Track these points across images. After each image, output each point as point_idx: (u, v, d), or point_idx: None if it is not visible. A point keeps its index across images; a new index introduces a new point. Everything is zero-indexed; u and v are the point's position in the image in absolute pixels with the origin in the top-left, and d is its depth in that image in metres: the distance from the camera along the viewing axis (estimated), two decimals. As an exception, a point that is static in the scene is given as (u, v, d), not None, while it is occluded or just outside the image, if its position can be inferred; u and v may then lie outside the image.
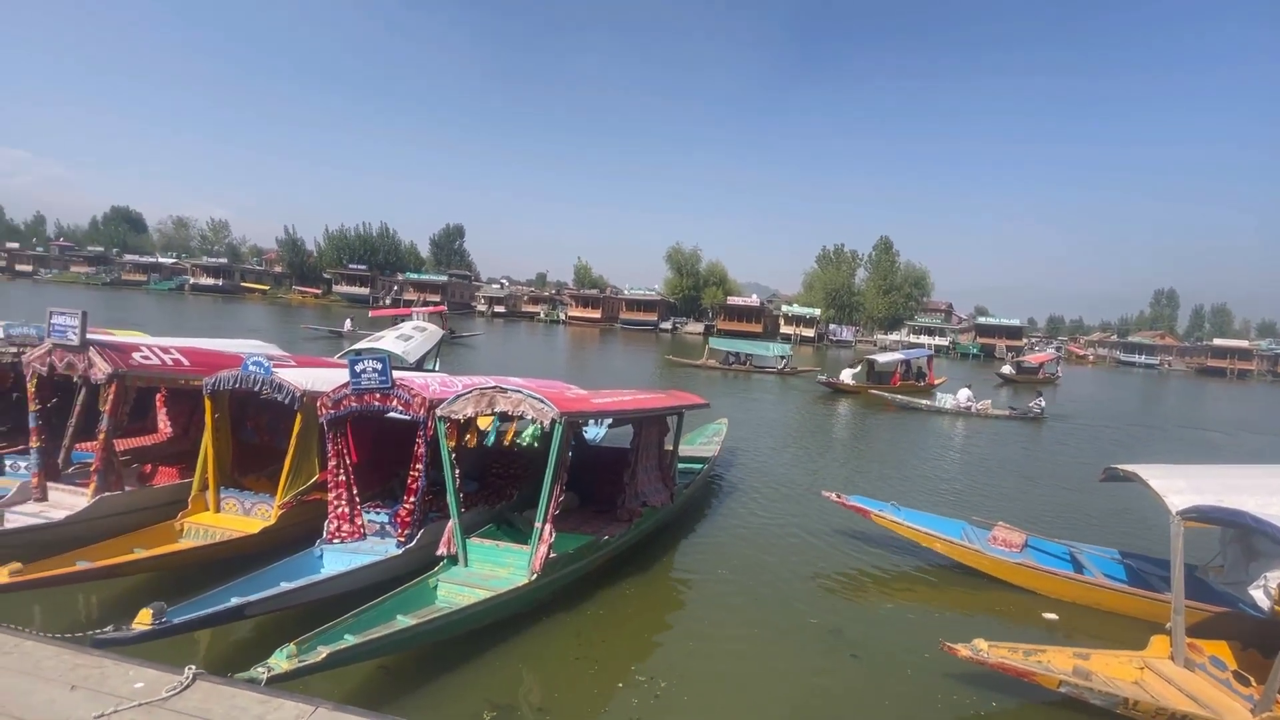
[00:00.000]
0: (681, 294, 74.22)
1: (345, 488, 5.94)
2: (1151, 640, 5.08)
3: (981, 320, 75.11)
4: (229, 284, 74.58)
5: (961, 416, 20.83)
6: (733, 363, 31.62)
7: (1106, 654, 4.98)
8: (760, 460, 12.39)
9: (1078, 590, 6.68)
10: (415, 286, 73.62)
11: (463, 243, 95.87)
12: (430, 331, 17.05)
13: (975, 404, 21.35)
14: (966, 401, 21.37)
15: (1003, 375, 37.03)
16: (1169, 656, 4.89)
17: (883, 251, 75.40)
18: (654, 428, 7.86)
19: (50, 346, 6.09)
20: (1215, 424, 27.01)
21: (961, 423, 19.93)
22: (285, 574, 5.17)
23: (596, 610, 5.85)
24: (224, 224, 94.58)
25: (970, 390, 21.95)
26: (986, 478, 12.60)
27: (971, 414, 20.95)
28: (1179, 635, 4.83)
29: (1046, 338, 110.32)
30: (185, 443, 8.10)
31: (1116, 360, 79.35)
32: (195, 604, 4.39)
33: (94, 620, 4.99)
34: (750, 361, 31.73)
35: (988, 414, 21.04)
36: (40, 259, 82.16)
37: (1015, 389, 34.00)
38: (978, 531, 7.67)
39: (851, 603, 6.58)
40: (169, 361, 6.73)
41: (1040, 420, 20.94)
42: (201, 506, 6.24)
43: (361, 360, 5.87)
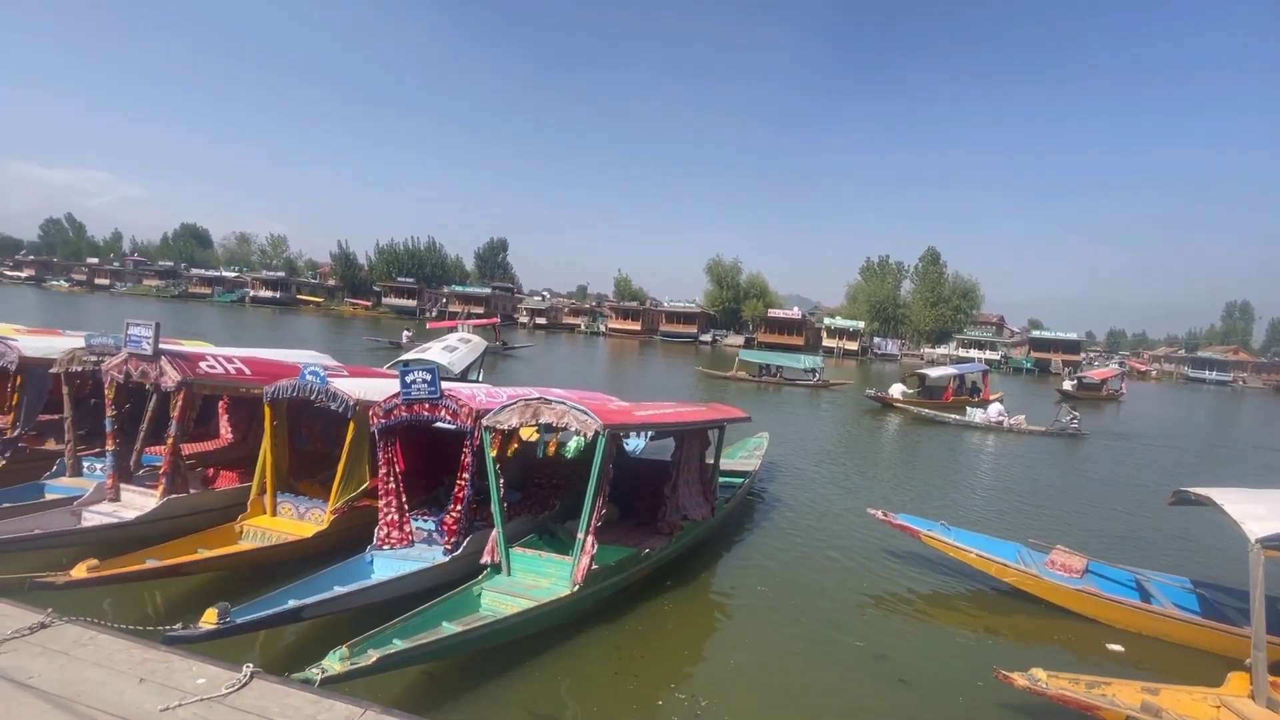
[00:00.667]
0: (721, 306, 73.90)
1: (395, 495, 6.10)
2: (1229, 677, 4.75)
3: (1036, 334, 72.22)
4: (286, 296, 77.95)
5: (993, 432, 20.07)
6: (763, 375, 31.29)
7: (1178, 690, 4.68)
8: (801, 475, 12.17)
9: (1145, 620, 6.30)
10: (460, 299, 75.46)
11: (506, 256, 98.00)
12: (475, 343, 17.43)
13: (1008, 419, 20.53)
14: (998, 416, 20.58)
15: (1063, 392, 35.69)
16: (1249, 695, 4.55)
17: (929, 263, 73.44)
18: (695, 441, 7.83)
19: (127, 355, 6.49)
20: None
21: (994, 438, 19.20)
22: (338, 578, 5.35)
23: (636, 624, 5.83)
24: (282, 239, 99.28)
25: (1002, 405, 21.19)
26: (1038, 497, 12.06)
27: (1003, 429, 20.15)
28: (1260, 672, 4.50)
29: (1106, 352, 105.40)
30: (245, 448, 8.47)
31: (1184, 376, 75.15)
32: (255, 605, 4.57)
33: (158, 615, 5.26)
34: (781, 374, 31.33)
35: (1021, 429, 20.18)
36: (116, 273, 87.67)
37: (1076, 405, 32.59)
38: (1034, 555, 7.35)
39: (898, 625, 6.37)
40: (232, 371, 7.07)
41: (1077, 437, 19.91)
42: (259, 510, 6.51)
43: (412, 371, 6.04)
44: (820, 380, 30.32)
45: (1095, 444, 19.42)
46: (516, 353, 37.67)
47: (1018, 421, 20.44)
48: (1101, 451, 18.65)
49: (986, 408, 21.06)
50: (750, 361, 32.51)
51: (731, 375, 31.06)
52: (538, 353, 40.20)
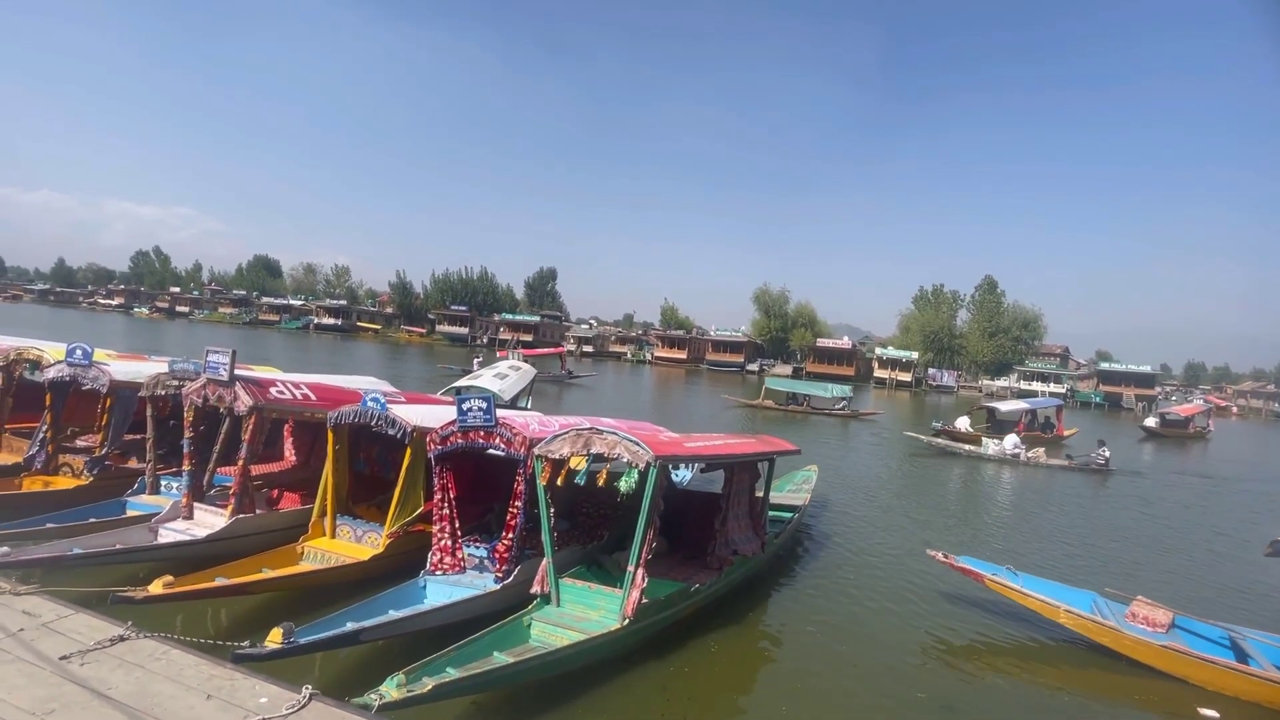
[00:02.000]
0: (769, 335, 73.09)
1: (449, 521, 6.21)
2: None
3: (1105, 366, 68.35)
4: (346, 324, 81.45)
5: (1008, 464, 19.01)
6: (789, 404, 30.72)
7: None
8: (851, 510, 11.77)
9: (1242, 683, 5.75)
10: (509, 326, 77.18)
11: (555, 285, 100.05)
12: (524, 371, 17.75)
13: (1024, 452, 19.46)
14: (1014, 449, 19.54)
15: (1146, 428, 33.86)
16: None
17: (987, 291, 70.93)
18: (745, 473, 7.70)
19: (205, 380, 6.89)
20: None
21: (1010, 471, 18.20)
22: (393, 602, 5.45)
23: (683, 663, 5.68)
24: (346, 269, 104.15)
25: (1018, 437, 20.19)
26: (1107, 542, 11.25)
27: (1019, 462, 19.10)
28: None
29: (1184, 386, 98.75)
30: (307, 470, 8.82)
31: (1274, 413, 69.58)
32: (316, 626, 4.70)
33: (224, 631, 5.46)
34: (808, 402, 30.69)
35: (1039, 463, 19.07)
36: (195, 301, 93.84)
37: (1160, 444, 30.69)
38: (1112, 605, 6.85)
39: (963, 676, 6.00)
40: (299, 396, 7.40)
41: (1105, 472, 18.54)
42: (320, 532, 6.73)
43: (469, 398, 6.19)
44: (849, 410, 29.60)
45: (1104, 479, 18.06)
46: (580, 381, 38.38)
47: (1036, 454, 19.46)
48: (1184, 493, 17.37)
49: (1003, 439, 20.14)
50: (777, 390, 32.07)
51: (758, 404, 30.66)
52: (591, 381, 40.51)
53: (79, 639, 4.36)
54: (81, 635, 4.41)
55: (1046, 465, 19.11)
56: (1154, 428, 33.80)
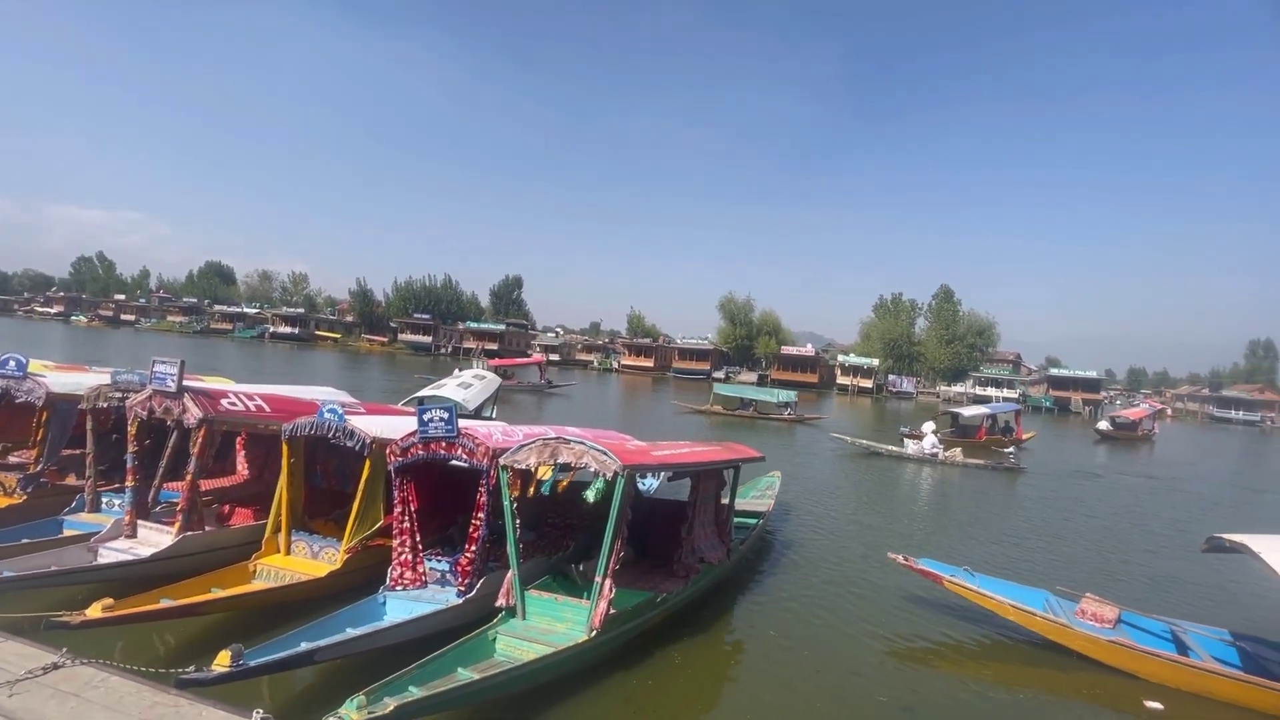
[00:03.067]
0: (734, 343, 73.89)
1: (409, 535, 6.07)
2: (1278, 739, 4.51)
3: (1055, 372, 71.09)
4: (304, 332, 79.16)
5: (927, 464, 19.76)
6: (738, 409, 31.29)
7: (1224, 752, 4.45)
8: (813, 515, 11.94)
9: (1184, 675, 6.00)
10: (474, 335, 76.18)
11: (520, 293, 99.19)
12: (489, 380, 17.51)
13: (941, 451, 20.26)
14: (932, 449, 20.33)
15: (1100, 432, 35.46)
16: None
17: (943, 300, 73.18)
18: (711, 481, 7.74)
19: (151, 392, 6.60)
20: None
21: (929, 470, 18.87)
22: (351, 620, 5.28)
23: (647, 675, 5.62)
24: (303, 276, 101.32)
25: (936, 436, 20.98)
26: (1058, 540, 11.67)
27: (938, 462, 19.89)
28: (1312, 735, 4.26)
29: (1127, 391, 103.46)
30: (261, 485, 8.50)
31: (1209, 416, 73.37)
32: (268, 647, 4.52)
33: (171, 655, 5.20)
34: (755, 408, 31.31)
35: (955, 462, 19.88)
36: (142, 309, 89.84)
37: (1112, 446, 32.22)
38: (1063, 603, 7.09)
39: (923, 677, 6.12)
40: (252, 408, 7.15)
41: (1016, 472, 19.42)
42: (274, 548, 6.48)
43: (430, 409, 6.07)
44: (794, 415, 30.31)
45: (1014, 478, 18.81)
46: (559, 390, 38.21)
47: (952, 454, 20.24)
48: (1131, 494, 18.16)
49: (922, 440, 20.87)
50: (726, 395, 32.67)
51: (708, 409, 31.12)
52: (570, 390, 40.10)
53: (8, 668, 4.10)
54: (11, 664, 4.16)
55: (962, 464, 19.88)
56: (1107, 430, 35.29)
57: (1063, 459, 25.72)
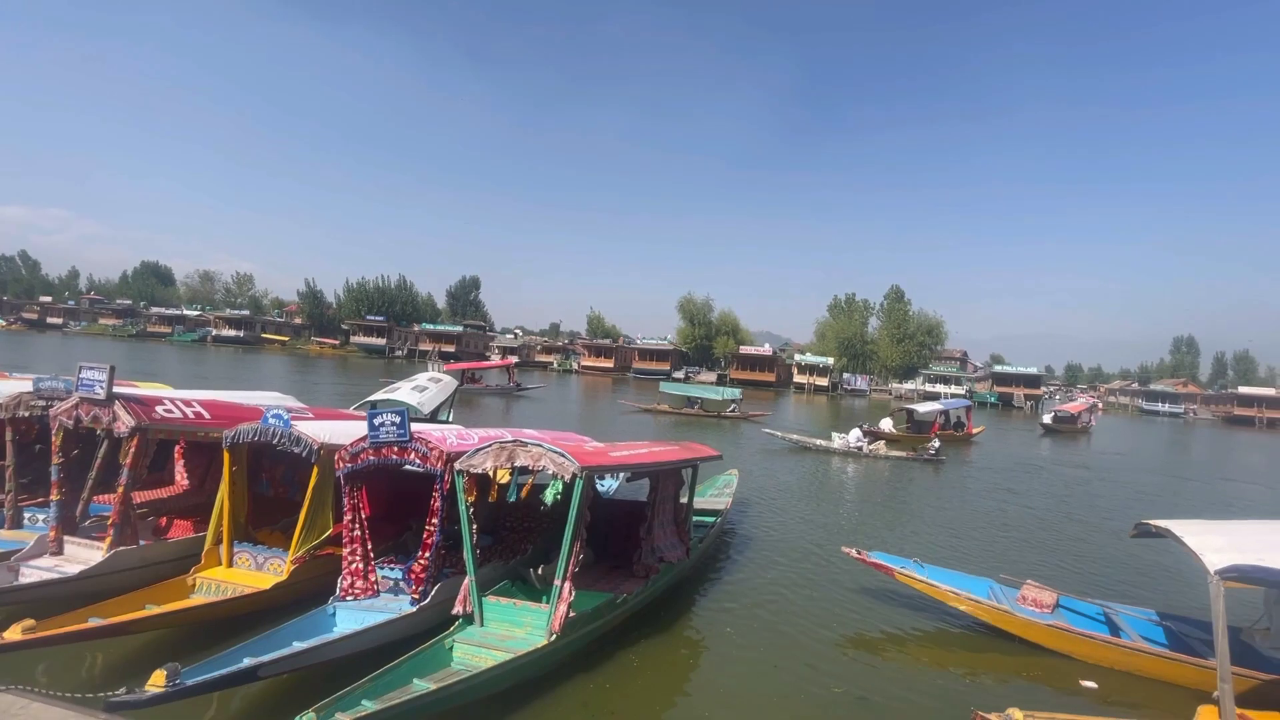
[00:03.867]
0: (694, 343, 74.50)
1: (360, 543, 5.89)
2: (1198, 710, 4.79)
3: (998, 369, 74.40)
4: (250, 335, 76.08)
5: (853, 457, 20.57)
6: (684, 407, 31.95)
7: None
8: (770, 511, 12.13)
9: (1115, 655, 6.35)
10: (431, 337, 74.64)
11: (478, 294, 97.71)
12: (445, 383, 17.16)
13: (866, 445, 21.15)
14: (857, 442, 21.18)
15: (1045, 425, 37.39)
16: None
17: (894, 300, 75.55)
18: (670, 481, 7.77)
19: (77, 400, 6.22)
20: (1249, 475, 26.17)
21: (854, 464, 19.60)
22: (298, 633, 5.09)
23: (606, 677, 5.58)
24: (249, 277, 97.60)
25: (861, 430, 21.83)
26: (1005, 531, 12.20)
27: (863, 455, 20.74)
28: (1228, 705, 4.55)
29: (1065, 386, 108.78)
30: (201, 495, 8.13)
31: (1139, 409, 77.79)
32: (208, 665, 4.31)
33: (103, 679, 4.91)
34: (700, 405, 31.92)
35: (879, 455, 20.76)
36: (71, 312, 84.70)
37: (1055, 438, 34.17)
38: (1006, 590, 7.40)
39: (877, 666, 6.30)
40: (191, 414, 6.82)
41: (937, 463, 20.31)
42: (214, 561, 6.20)
43: (381, 413, 5.91)
44: (739, 412, 31.00)
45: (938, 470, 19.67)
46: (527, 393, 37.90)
47: (876, 448, 21.06)
48: (1070, 484, 19.07)
49: (848, 435, 21.67)
50: (672, 394, 33.32)
51: (654, 408, 31.68)
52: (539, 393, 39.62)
53: (-85, 700, 3.81)
54: (-82, 695, 3.86)
55: (886, 457, 20.66)
56: (1050, 424, 37.38)
57: (1010, 452, 26.92)
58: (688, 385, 37.69)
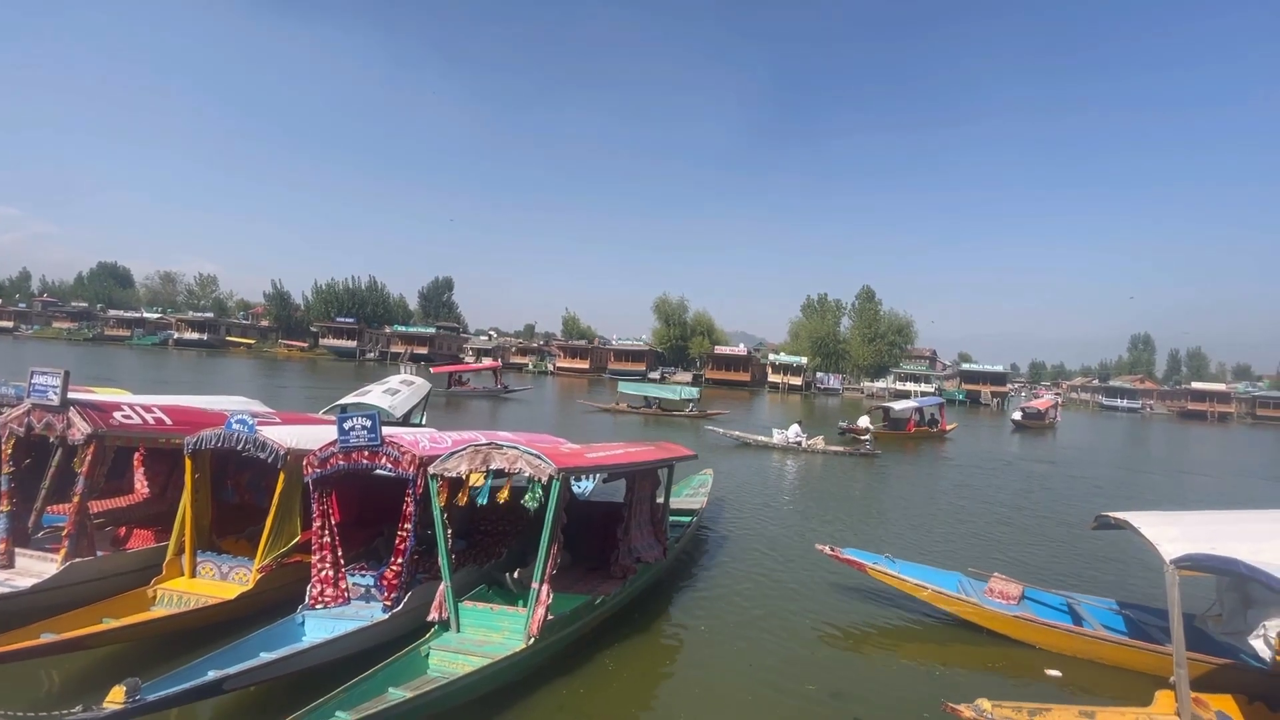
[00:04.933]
0: (669, 344, 74.78)
1: (329, 550, 5.77)
2: (1156, 696, 4.97)
3: (966, 367, 76.20)
4: (214, 338, 74.04)
5: (791, 452, 21.01)
6: (643, 406, 32.29)
7: (1112, 711, 4.87)
8: (744, 510, 12.23)
9: (1078, 644, 6.55)
10: (403, 339, 73.59)
11: (451, 295, 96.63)
12: (418, 385, 16.93)
13: (804, 439, 21.61)
14: (795, 438, 21.61)
15: (1015, 422, 38.41)
16: (1175, 713, 4.77)
17: (865, 300, 76.89)
18: (646, 481, 7.78)
19: (29, 407, 5.98)
20: (1202, 468, 27.24)
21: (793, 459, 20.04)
22: (265, 643, 4.96)
23: (582, 679, 5.54)
24: (212, 279, 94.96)
25: (799, 426, 22.30)
26: (970, 525, 12.50)
27: (801, 449, 21.19)
28: (1183, 690, 4.73)
29: (1030, 383, 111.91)
30: (162, 503, 7.87)
31: (1099, 405, 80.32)
32: (170, 679, 4.18)
33: (58, 697, 4.73)
34: (659, 405, 32.26)
35: (817, 449, 21.25)
36: (22, 315, 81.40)
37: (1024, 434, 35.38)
38: (974, 583, 7.57)
39: (850, 662, 6.39)
40: (151, 420, 6.62)
41: (871, 456, 20.90)
42: (176, 571, 6.02)
43: (350, 417, 5.81)
44: (696, 411, 31.34)
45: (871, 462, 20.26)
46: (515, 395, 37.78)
47: (814, 443, 21.45)
48: (1036, 478, 19.61)
49: (787, 430, 22.06)
50: (631, 394, 33.61)
51: (613, 408, 31.98)
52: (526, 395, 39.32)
53: None
54: None
55: (823, 451, 21.08)
56: (1020, 420, 38.51)
57: (982, 448, 27.65)
58: (645, 385, 38.09)
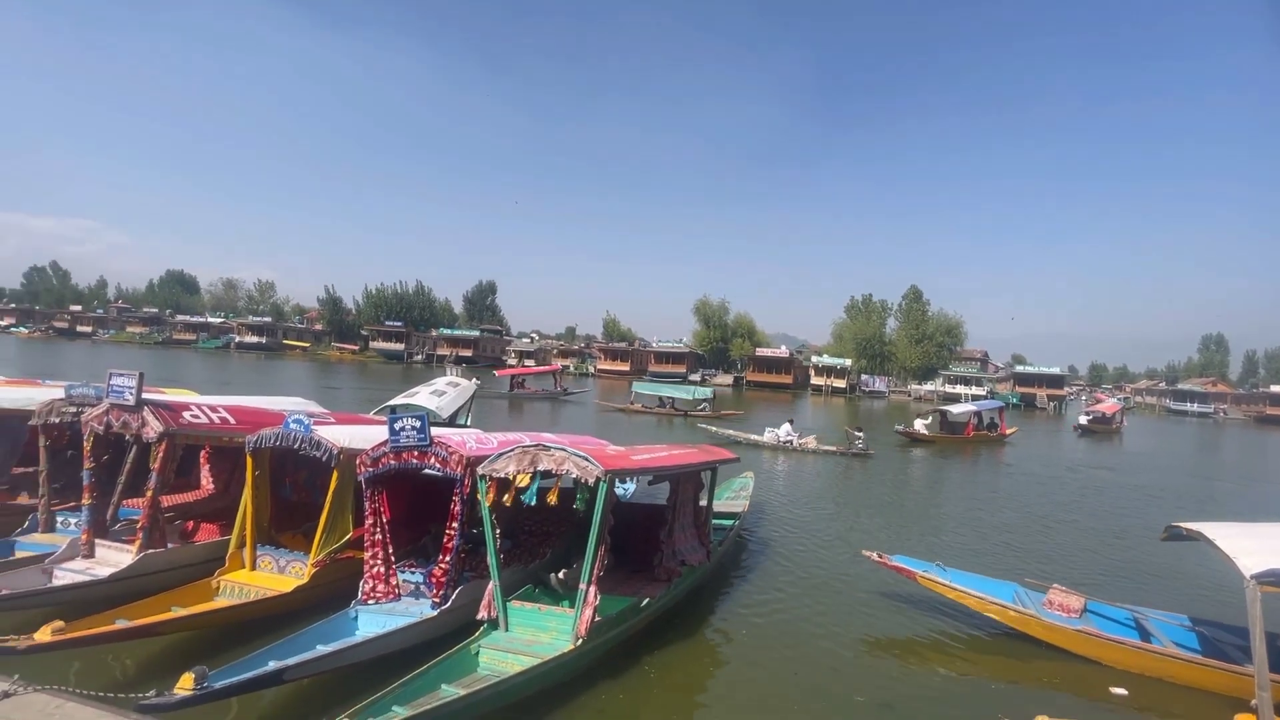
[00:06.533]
0: (710, 346, 74.29)
1: (381, 547, 5.95)
2: (1235, 718, 4.67)
3: (1020, 369, 73.05)
4: (272, 341, 77.35)
5: (782, 451, 20.46)
6: (657, 406, 32.26)
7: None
8: (786, 515, 12.03)
9: (1146, 661, 6.20)
10: (448, 342, 75.33)
11: (495, 299, 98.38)
12: (464, 387, 17.30)
13: (796, 439, 21.04)
14: (786, 436, 21.12)
15: (1080, 427, 37.22)
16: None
17: (912, 300, 74.69)
18: (690, 484, 7.75)
19: (108, 406, 6.37)
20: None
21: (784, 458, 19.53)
22: (321, 636, 5.14)
23: (623, 684, 5.49)
24: (270, 285, 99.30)
25: (791, 425, 21.73)
26: (1025, 532, 11.97)
27: (792, 449, 20.66)
28: (1267, 714, 4.43)
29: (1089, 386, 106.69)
30: (226, 499, 8.27)
31: (1167, 409, 76.01)
32: (234, 668, 4.38)
33: (129, 680, 5.01)
34: (672, 405, 32.11)
35: (809, 449, 20.66)
36: (100, 320, 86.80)
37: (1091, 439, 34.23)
38: (1032, 595, 7.26)
39: (899, 673, 6.21)
40: (216, 420, 6.94)
41: (865, 456, 20.13)
42: (238, 564, 6.31)
43: (400, 418, 5.97)
44: (710, 411, 31.12)
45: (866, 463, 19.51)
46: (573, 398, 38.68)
47: (806, 442, 20.95)
48: (1101, 485, 18.69)
49: (779, 429, 21.58)
50: (645, 394, 33.82)
51: (628, 407, 32.19)
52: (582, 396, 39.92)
53: (-46, 699, 3.91)
54: (-42, 695, 3.96)
55: (814, 451, 20.57)
56: (1086, 425, 37.08)
57: (1044, 453, 26.73)
58: (660, 385, 38.25)
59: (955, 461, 21.76)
